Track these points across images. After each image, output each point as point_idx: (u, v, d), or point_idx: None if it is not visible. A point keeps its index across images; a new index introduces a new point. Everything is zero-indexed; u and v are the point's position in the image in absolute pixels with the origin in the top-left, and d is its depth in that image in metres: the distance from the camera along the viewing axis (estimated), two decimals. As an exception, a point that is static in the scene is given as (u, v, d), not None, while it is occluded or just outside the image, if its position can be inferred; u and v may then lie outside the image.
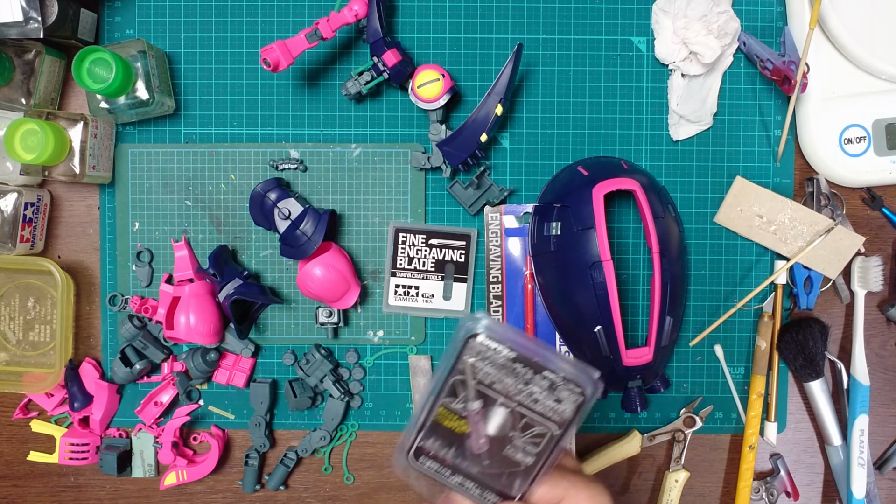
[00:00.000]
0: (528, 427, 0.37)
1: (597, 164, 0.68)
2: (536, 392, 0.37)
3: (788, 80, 0.63)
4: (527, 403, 0.37)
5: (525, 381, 0.37)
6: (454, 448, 0.39)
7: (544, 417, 0.37)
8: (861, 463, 0.66)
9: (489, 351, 0.36)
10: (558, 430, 0.37)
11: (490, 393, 0.37)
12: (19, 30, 0.62)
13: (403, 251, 0.69)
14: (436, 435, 0.39)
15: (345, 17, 0.64)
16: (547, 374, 0.36)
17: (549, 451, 0.37)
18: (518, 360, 0.36)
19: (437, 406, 0.38)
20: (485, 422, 0.38)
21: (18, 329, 0.71)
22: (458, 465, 0.39)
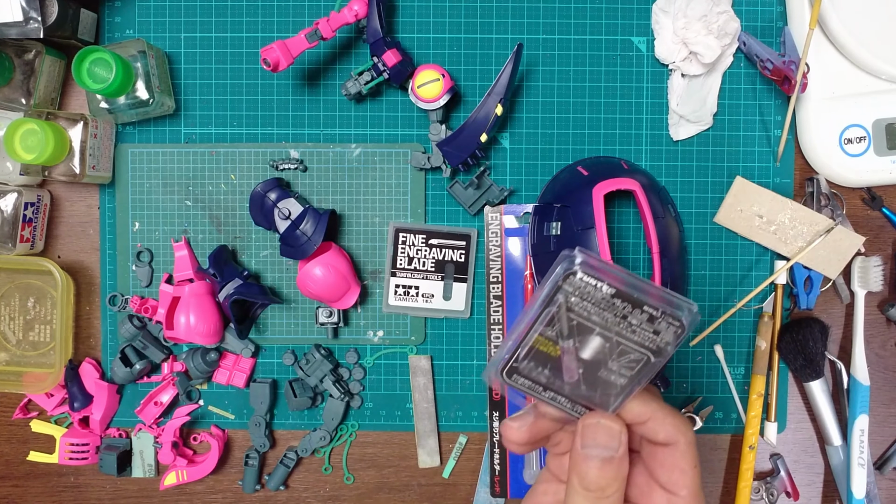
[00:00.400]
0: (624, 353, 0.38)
1: (597, 164, 0.68)
2: (634, 324, 0.37)
3: (788, 80, 0.63)
4: (624, 334, 0.37)
5: (623, 315, 0.37)
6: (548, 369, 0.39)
7: (642, 346, 0.38)
8: (861, 463, 0.66)
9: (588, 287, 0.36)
10: (655, 358, 0.38)
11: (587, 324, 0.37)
12: (19, 30, 0.62)
13: (403, 251, 0.69)
14: (530, 358, 0.39)
15: (345, 17, 0.64)
16: (646, 309, 0.36)
17: (643, 374, 0.38)
18: (617, 295, 0.36)
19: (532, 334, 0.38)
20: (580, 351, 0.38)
21: (18, 329, 0.71)
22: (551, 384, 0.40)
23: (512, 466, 0.70)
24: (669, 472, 0.39)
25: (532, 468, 0.69)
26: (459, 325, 0.71)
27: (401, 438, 0.72)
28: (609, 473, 0.38)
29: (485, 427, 0.71)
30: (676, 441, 0.39)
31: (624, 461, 0.39)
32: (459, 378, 0.71)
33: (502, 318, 0.69)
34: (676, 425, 0.39)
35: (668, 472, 0.39)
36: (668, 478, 0.39)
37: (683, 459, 0.39)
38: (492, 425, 0.69)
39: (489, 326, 0.69)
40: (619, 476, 0.38)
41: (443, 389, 0.71)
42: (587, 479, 0.38)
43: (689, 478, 0.39)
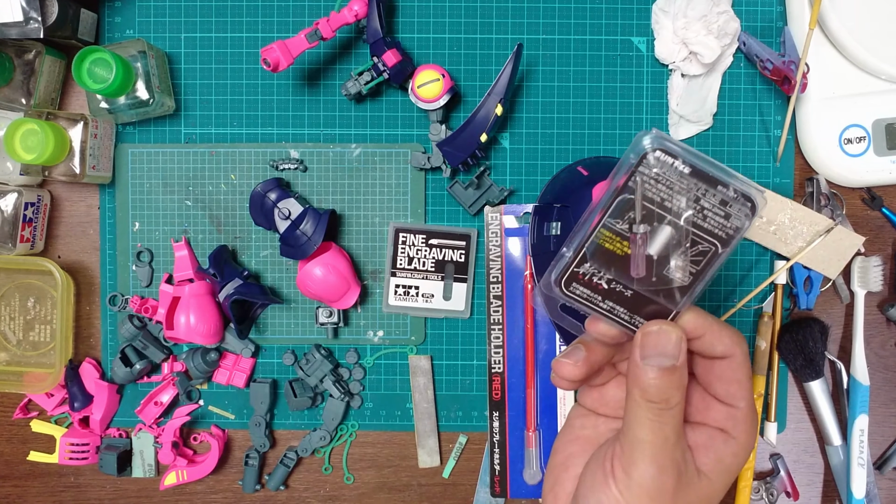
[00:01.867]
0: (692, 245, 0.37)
1: (597, 164, 0.68)
2: (707, 208, 0.36)
3: (788, 80, 0.63)
4: (695, 220, 0.37)
5: (696, 198, 0.36)
6: (611, 271, 0.38)
7: (710, 235, 0.37)
8: (861, 463, 0.66)
9: (664, 166, 0.36)
10: (721, 249, 0.37)
11: (659, 211, 0.37)
12: (19, 30, 0.62)
13: (403, 251, 0.69)
14: (594, 258, 0.38)
15: (345, 17, 0.64)
16: (720, 189, 0.36)
17: (708, 270, 0.38)
18: (693, 174, 0.36)
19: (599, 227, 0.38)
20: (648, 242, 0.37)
21: (18, 329, 0.71)
22: (612, 290, 0.39)
23: (512, 466, 0.70)
24: (728, 384, 0.39)
25: (532, 468, 0.69)
26: (459, 325, 0.71)
27: (401, 438, 0.72)
28: (672, 382, 0.37)
29: (485, 427, 0.71)
30: (734, 353, 0.39)
31: (685, 371, 0.38)
32: (459, 378, 0.71)
33: (502, 318, 0.69)
34: (733, 337, 0.39)
35: (727, 385, 0.39)
36: (727, 390, 0.39)
37: (741, 370, 0.39)
38: (492, 425, 0.70)
39: (489, 326, 0.69)
40: (681, 385, 0.38)
41: (443, 389, 0.71)
42: (650, 391, 0.37)
43: (746, 389, 0.39)
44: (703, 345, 0.39)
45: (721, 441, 0.39)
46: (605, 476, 0.39)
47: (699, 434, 0.40)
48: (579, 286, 0.40)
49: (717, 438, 0.39)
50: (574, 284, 0.40)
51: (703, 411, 0.40)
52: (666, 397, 0.37)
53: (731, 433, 0.39)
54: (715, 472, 0.39)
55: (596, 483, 0.39)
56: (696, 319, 0.39)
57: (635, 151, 0.37)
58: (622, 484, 0.38)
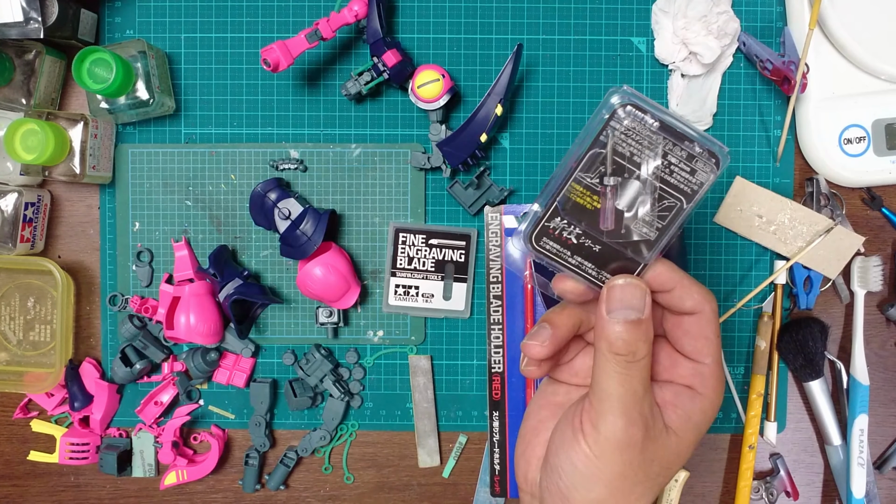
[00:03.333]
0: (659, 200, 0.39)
1: None
2: (673, 163, 0.38)
3: (788, 81, 0.63)
4: (662, 175, 0.38)
5: (664, 153, 0.38)
6: (581, 224, 0.40)
7: (676, 190, 0.38)
8: (861, 463, 0.66)
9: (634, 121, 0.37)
10: (685, 204, 0.38)
11: (628, 165, 0.38)
12: (19, 30, 0.62)
13: (403, 251, 0.69)
14: (565, 212, 0.39)
15: (345, 17, 0.64)
16: (687, 144, 0.37)
17: (673, 225, 0.39)
18: (662, 129, 0.37)
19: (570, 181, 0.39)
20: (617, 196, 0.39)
21: (18, 329, 0.71)
22: (581, 245, 0.40)
23: (512, 466, 0.70)
24: (695, 340, 0.40)
25: (532, 468, 0.69)
26: (459, 325, 0.71)
27: (401, 438, 0.72)
28: (638, 335, 0.38)
29: (485, 427, 0.71)
30: (702, 309, 0.39)
31: (650, 324, 0.39)
32: (459, 378, 0.71)
33: (502, 318, 0.69)
34: (702, 293, 0.39)
35: (694, 341, 0.40)
36: (694, 346, 0.40)
37: (709, 327, 0.40)
38: (492, 425, 0.70)
39: (489, 326, 0.69)
40: (647, 338, 0.39)
41: (443, 389, 0.71)
42: (616, 344, 0.38)
43: (714, 346, 0.40)
44: (673, 299, 0.40)
45: (688, 397, 0.40)
46: (573, 433, 0.39)
47: (667, 391, 0.40)
48: (549, 241, 0.40)
49: (685, 395, 0.40)
50: (544, 239, 0.41)
51: (670, 369, 0.41)
52: (633, 349, 0.38)
53: (697, 389, 0.40)
54: (683, 429, 0.40)
55: (565, 440, 0.40)
56: (666, 273, 0.40)
57: (606, 107, 0.38)
58: (591, 438, 0.38)
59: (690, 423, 0.40)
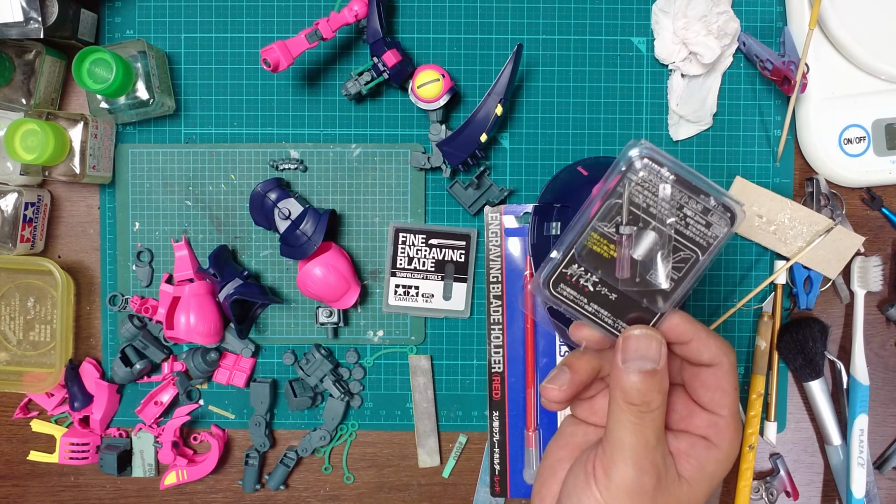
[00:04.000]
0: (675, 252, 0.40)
1: (597, 163, 0.68)
2: (689, 216, 0.39)
3: (788, 81, 0.63)
4: (678, 227, 0.39)
5: (680, 206, 0.39)
6: (598, 272, 0.40)
7: (691, 242, 0.39)
8: (861, 463, 0.66)
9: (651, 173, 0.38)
10: (701, 256, 0.39)
11: (644, 216, 0.39)
12: (19, 30, 0.62)
13: (403, 251, 0.69)
14: (582, 259, 0.41)
15: (345, 17, 0.64)
16: (702, 198, 0.39)
17: (688, 277, 0.40)
18: (677, 182, 0.38)
19: (588, 230, 0.40)
20: (634, 246, 0.40)
21: (18, 329, 0.71)
22: (597, 293, 0.41)
23: (512, 466, 0.70)
24: (713, 392, 0.40)
25: (532, 468, 0.69)
26: (459, 325, 0.71)
27: (401, 438, 0.72)
28: (652, 386, 0.38)
29: (485, 427, 0.71)
30: (720, 361, 0.40)
31: (665, 375, 0.39)
32: (459, 378, 0.71)
33: (502, 318, 0.69)
34: (721, 346, 0.40)
35: (712, 393, 0.40)
36: (711, 398, 0.40)
37: (726, 379, 0.40)
38: (492, 425, 0.70)
39: (489, 326, 0.69)
40: (661, 389, 0.39)
41: (443, 389, 0.71)
42: (631, 394, 0.38)
43: (731, 398, 0.40)
44: (691, 351, 0.40)
45: (703, 448, 0.40)
46: (586, 477, 0.40)
47: (682, 441, 0.41)
48: (566, 287, 0.41)
49: (700, 445, 0.40)
50: (562, 286, 0.41)
51: (686, 418, 0.41)
52: (647, 400, 0.38)
53: (713, 441, 0.40)
54: (696, 479, 0.40)
55: (578, 484, 0.40)
56: (683, 325, 0.40)
57: (624, 159, 0.39)
58: (602, 484, 0.39)
59: (704, 473, 0.40)
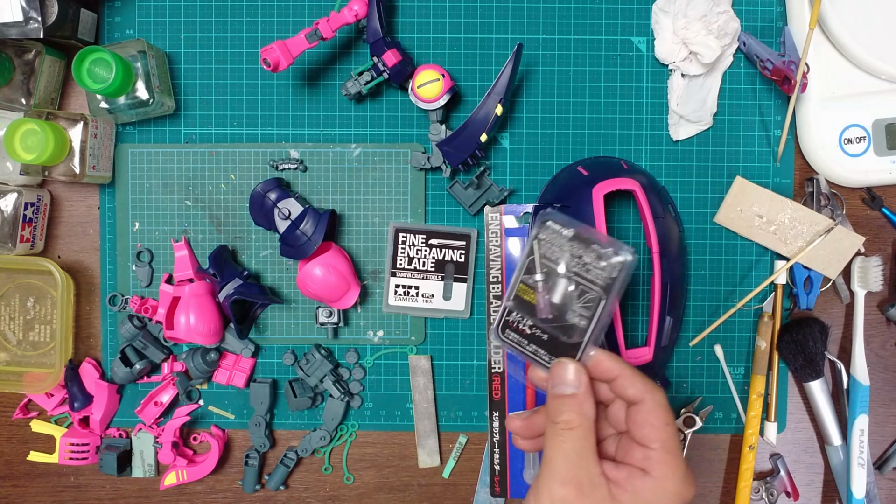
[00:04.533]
0: (583, 294, 0.48)
1: (597, 164, 0.68)
2: (588, 262, 0.48)
3: (788, 80, 0.63)
4: (581, 272, 0.48)
5: (579, 255, 0.48)
6: (530, 317, 0.49)
7: (594, 284, 0.48)
8: (861, 463, 0.66)
9: (554, 232, 0.49)
10: (604, 295, 0.47)
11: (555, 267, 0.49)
12: (19, 30, 0.62)
13: (403, 251, 0.69)
14: (517, 307, 0.50)
15: (345, 17, 0.64)
16: (594, 247, 0.48)
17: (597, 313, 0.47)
18: (574, 237, 0.48)
19: (517, 283, 0.50)
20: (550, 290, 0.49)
21: (18, 329, 0.71)
22: (533, 335, 0.49)
23: (512, 466, 0.70)
24: (641, 427, 0.45)
25: (531, 468, 0.69)
26: (459, 325, 0.71)
27: (401, 438, 0.72)
28: (572, 407, 0.45)
29: (485, 427, 0.71)
30: (644, 398, 0.45)
31: (586, 399, 0.46)
32: (459, 378, 0.71)
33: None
34: (643, 384, 0.46)
35: (640, 428, 0.45)
36: (641, 433, 0.45)
37: (652, 415, 0.45)
38: (492, 425, 0.69)
39: (489, 326, 0.69)
40: (581, 411, 0.45)
41: (443, 389, 0.71)
42: (552, 413, 0.45)
43: (660, 432, 0.44)
44: (617, 387, 0.46)
45: (639, 477, 0.44)
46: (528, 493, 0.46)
47: (621, 471, 0.45)
48: (511, 332, 0.50)
49: (636, 475, 0.44)
50: (508, 331, 0.50)
51: (627, 452, 0.46)
52: (567, 419, 0.45)
53: (648, 471, 0.44)
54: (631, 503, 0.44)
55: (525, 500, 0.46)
56: (606, 361, 0.46)
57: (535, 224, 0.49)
58: (532, 497, 0.44)
59: (638, 499, 0.44)
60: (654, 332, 0.63)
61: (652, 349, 0.63)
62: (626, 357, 0.63)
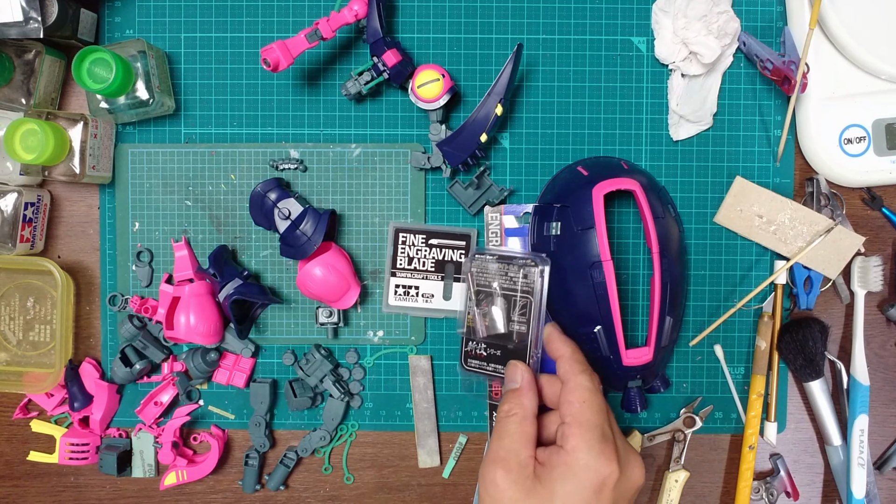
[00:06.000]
0: (516, 304, 0.58)
1: (597, 164, 0.68)
2: (512, 276, 0.59)
3: (788, 80, 0.63)
4: (510, 287, 0.59)
5: (504, 273, 0.59)
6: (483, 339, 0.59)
7: (524, 292, 0.58)
8: (861, 463, 0.66)
9: (483, 262, 0.60)
10: (533, 299, 0.58)
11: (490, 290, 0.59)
12: (19, 30, 0.62)
13: (403, 251, 0.69)
14: (469, 335, 0.60)
15: (345, 17, 0.64)
16: (514, 262, 0.58)
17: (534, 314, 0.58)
18: (498, 260, 0.59)
19: (465, 314, 0.60)
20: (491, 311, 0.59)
21: (18, 329, 0.71)
22: (490, 355, 0.59)
23: (512, 466, 0.70)
24: (561, 405, 0.52)
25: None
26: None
27: (401, 438, 0.72)
28: (513, 399, 0.54)
29: (485, 427, 0.71)
30: (567, 379, 0.53)
31: (526, 393, 0.54)
32: (459, 378, 0.71)
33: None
34: (571, 367, 0.53)
35: (561, 406, 0.52)
36: (561, 411, 0.52)
37: (571, 394, 0.52)
38: (492, 425, 0.69)
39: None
40: (519, 402, 0.53)
41: (443, 389, 0.71)
42: (499, 405, 0.54)
43: (573, 408, 0.51)
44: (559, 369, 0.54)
45: (555, 453, 0.50)
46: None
47: (548, 450, 0.51)
48: (473, 360, 0.60)
49: (554, 451, 0.50)
50: (469, 360, 0.60)
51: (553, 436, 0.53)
52: (506, 409, 0.53)
53: (562, 445, 0.50)
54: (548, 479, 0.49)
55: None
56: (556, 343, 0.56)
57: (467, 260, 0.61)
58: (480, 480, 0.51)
59: (554, 473, 0.49)
60: (655, 333, 0.63)
61: (652, 349, 0.63)
62: (626, 357, 0.63)
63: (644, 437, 0.70)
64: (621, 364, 0.63)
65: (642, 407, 0.66)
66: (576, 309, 0.64)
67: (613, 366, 0.63)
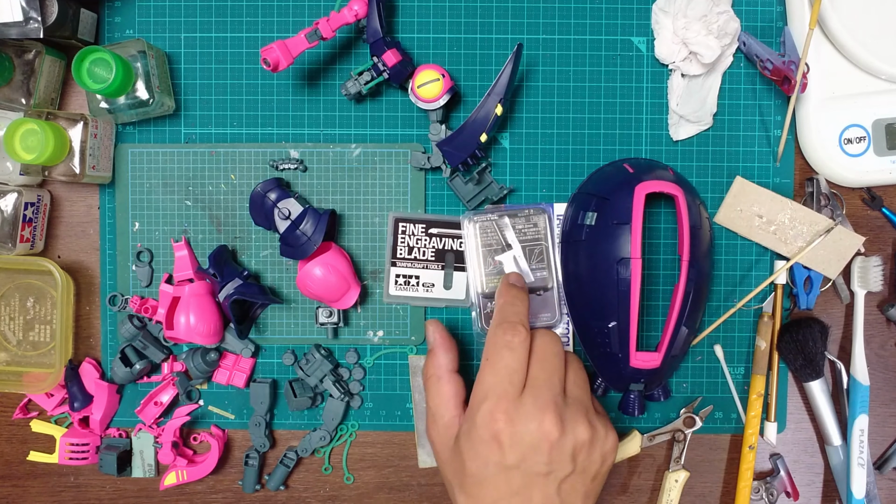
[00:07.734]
0: (532, 252, 0.65)
1: (643, 164, 0.67)
2: (520, 228, 0.65)
3: (788, 80, 0.63)
4: (521, 238, 0.66)
5: (514, 226, 0.65)
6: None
7: (536, 239, 0.65)
8: (861, 463, 0.66)
9: (486, 220, 0.66)
10: (546, 244, 0.65)
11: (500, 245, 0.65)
12: (19, 30, 0.62)
13: (403, 241, 0.69)
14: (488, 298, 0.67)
15: (345, 17, 0.64)
16: (520, 214, 0.65)
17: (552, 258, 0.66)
18: (505, 215, 0.65)
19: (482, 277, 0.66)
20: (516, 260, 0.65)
21: (18, 329, 0.71)
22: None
23: (512, 466, 0.69)
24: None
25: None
26: (459, 325, 0.71)
27: (401, 438, 0.72)
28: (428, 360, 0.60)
29: (485, 427, 0.71)
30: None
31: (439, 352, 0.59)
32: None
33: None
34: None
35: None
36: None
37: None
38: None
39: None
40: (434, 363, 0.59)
41: (443, 389, 0.71)
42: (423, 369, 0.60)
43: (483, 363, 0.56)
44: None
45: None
46: None
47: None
48: None
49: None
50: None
51: None
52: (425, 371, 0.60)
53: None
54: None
55: None
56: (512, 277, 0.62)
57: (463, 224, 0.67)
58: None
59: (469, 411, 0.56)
60: (668, 340, 0.62)
61: (662, 355, 0.62)
62: (634, 359, 0.62)
63: (644, 437, 0.70)
64: (628, 364, 0.62)
65: (640, 412, 0.66)
66: (595, 301, 0.63)
67: (620, 365, 0.63)
